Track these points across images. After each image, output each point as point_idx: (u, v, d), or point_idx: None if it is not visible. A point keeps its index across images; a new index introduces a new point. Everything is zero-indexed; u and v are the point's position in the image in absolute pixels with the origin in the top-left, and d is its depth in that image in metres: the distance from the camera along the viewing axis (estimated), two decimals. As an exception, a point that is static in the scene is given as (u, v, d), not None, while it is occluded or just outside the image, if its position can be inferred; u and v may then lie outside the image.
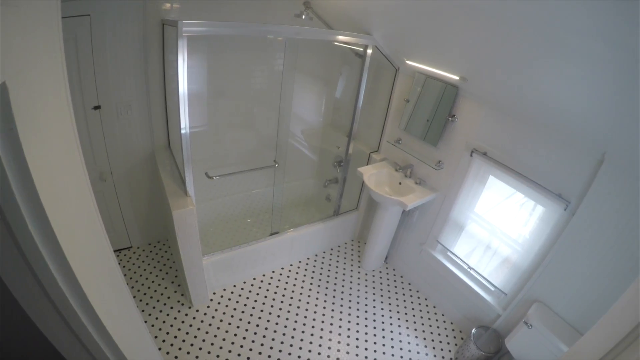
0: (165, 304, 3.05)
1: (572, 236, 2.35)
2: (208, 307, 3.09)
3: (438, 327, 3.33)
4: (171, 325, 2.89)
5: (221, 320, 3.00)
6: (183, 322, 2.93)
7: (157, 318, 2.93)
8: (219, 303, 3.13)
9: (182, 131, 2.29)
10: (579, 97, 1.96)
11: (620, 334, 0.92)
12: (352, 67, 3.45)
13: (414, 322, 3.34)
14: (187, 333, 2.85)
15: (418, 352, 3.06)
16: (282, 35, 2.93)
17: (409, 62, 2.96)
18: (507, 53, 2.08)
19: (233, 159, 3.66)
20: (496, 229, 2.95)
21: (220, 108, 3.36)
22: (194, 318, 2.98)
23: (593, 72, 1.74)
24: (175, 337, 2.81)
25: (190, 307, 3.06)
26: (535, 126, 2.41)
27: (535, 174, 2.49)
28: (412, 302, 3.55)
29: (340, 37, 2.77)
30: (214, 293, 3.21)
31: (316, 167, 4.49)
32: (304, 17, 2.83)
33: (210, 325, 2.94)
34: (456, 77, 2.65)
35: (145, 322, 2.86)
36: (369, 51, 2.91)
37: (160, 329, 2.85)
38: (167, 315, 2.97)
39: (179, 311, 3.01)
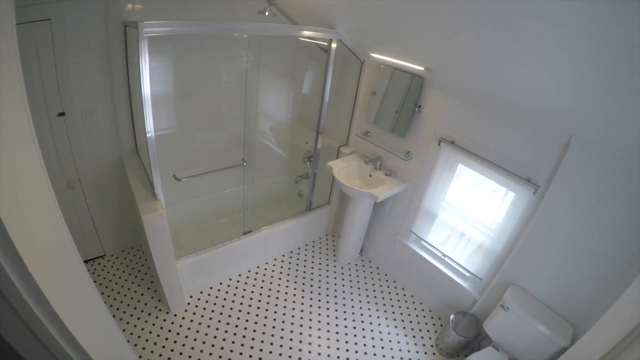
0: (142, 311, 3.00)
1: (543, 219, 2.41)
2: (186, 311, 3.05)
3: (417, 315, 3.37)
4: (150, 332, 2.84)
5: (200, 324, 2.96)
6: (162, 328, 2.89)
7: (135, 326, 2.87)
8: (196, 306, 3.10)
9: (148, 135, 2.26)
10: (542, 82, 2.01)
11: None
12: (318, 62, 3.45)
13: (393, 313, 3.37)
14: (167, 339, 2.82)
15: (399, 342, 3.09)
16: (246, 32, 2.90)
17: (373, 55, 2.98)
18: (469, 42, 2.10)
19: (202, 159, 3.62)
20: (469, 216, 3.00)
21: (188, 109, 3.32)
22: (172, 323, 2.94)
23: (554, 57, 1.78)
24: (155, 343, 2.77)
25: (167, 313, 3.01)
26: (501, 113, 2.45)
27: (503, 160, 2.53)
28: (389, 293, 3.58)
29: (305, 32, 2.77)
30: (191, 296, 3.17)
31: (286, 164, 4.48)
32: (267, 13, 2.82)
33: (189, 329, 2.91)
34: (421, 68, 2.68)
35: (124, 330, 2.83)
36: (334, 45, 2.92)
37: (139, 337, 2.80)
38: (145, 322, 2.92)
39: (156, 317, 2.97)
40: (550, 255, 2.44)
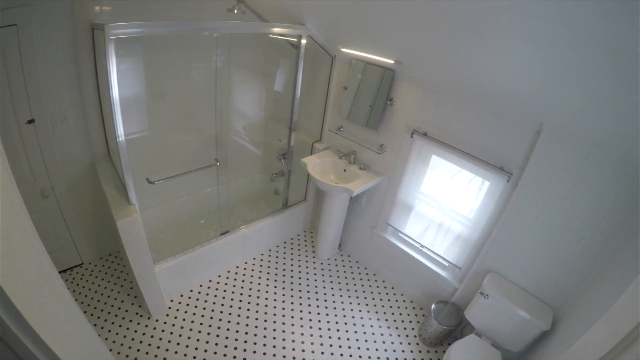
0: (123, 318, 2.95)
1: (517, 206, 2.46)
2: (167, 315, 3.02)
3: (399, 307, 3.40)
4: (132, 339, 2.81)
5: (182, 327, 2.94)
6: (144, 333, 2.86)
7: (117, 333, 2.83)
8: (177, 310, 3.07)
9: (119, 139, 2.21)
10: (511, 71, 2.04)
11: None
12: (289, 58, 3.45)
13: (375, 306, 3.39)
14: (149, 344, 2.78)
15: (382, 334, 3.11)
16: (216, 31, 2.88)
17: (344, 50, 2.99)
18: (438, 33, 2.13)
19: (176, 161, 3.58)
20: (445, 206, 3.03)
21: (159, 111, 3.28)
22: (154, 328, 2.90)
23: (522, 46, 1.82)
24: (138, 350, 2.73)
25: (149, 318, 2.98)
26: (472, 103, 2.48)
27: (476, 150, 2.57)
28: (370, 286, 3.61)
29: (274, 29, 2.76)
30: (172, 300, 3.14)
31: (261, 162, 4.47)
32: (236, 11, 2.80)
33: (171, 333, 2.88)
34: (391, 61, 2.70)
35: (106, 339, 2.79)
36: (303, 41, 2.92)
37: (121, 344, 2.76)
38: (127, 329, 2.88)
39: (138, 323, 2.93)
40: (527, 241, 2.49)
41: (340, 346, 2.98)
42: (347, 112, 3.21)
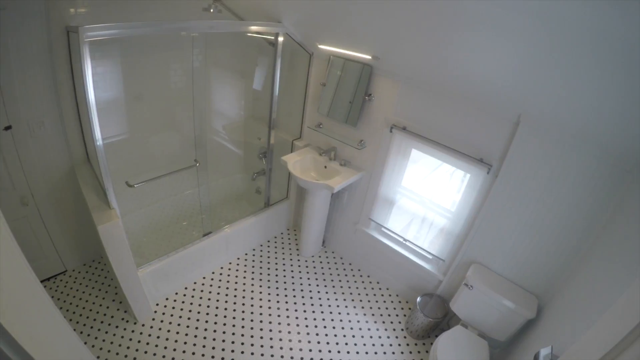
0: (109, 324, 2.92)
1: (498, 197, 2.49)
2: (153, 319, 2.99)
3: (385, 301, 3.42)
4: (119, 345, 2.78)
5: (168, 331, 2.92)
6: (130, 339, 2.83)
7: (103, 340, 2.80)
8: (163, 314, 3.05)
9: (97, 143, 2.19)
10: (488, 63, 2.07)
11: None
12: (267, 56, 3.44)
13: (361, 301, 3.41)
14: (137, 350, 2.76)
15: (369, 329, 3.13)
16: (193, 30, 2.86)
17: (321, 47, 3.00)
18: (414, 28, 2.15)
19: (156, 163, 3.55)
20: (426, 200, 3.06)
21: (138, 113, 3.26)
22: (140, 333, 2.88)
23: (498, 37, 1.84)
24: (126, 356, 2.71)
25: (135, 323, 2.95)
26: (451, 96, 2.50)
27: (455, 143, 2.59)
28: (355, 282, 3.63)
29: (251, 28, 2.76)
30: (157, 304, 3.12)
31: (242, 161, 4.47)
32: (212, 10, 2.80)
33: (158, 337, 2.86)
34: (368, 57, 2.72)
35: (93, 346, 2.76)
36: (281, 39, 2.92)
37: (109, 351, 2.73)
38: (114, 335, 2.85)
39: (124, 329, 2.90)
40: (508, 231, 2.52)
41: (327, 343, 2.98)
42: (327, 109, 3.21)
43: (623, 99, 1.68)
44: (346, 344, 2.99)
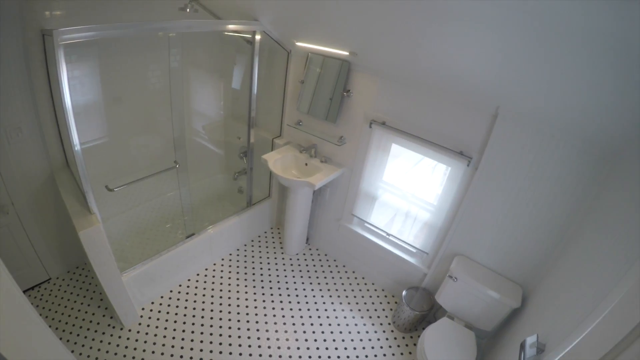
0: (96, 331, 2.89)
1: (479, 189, 2.51)
2: (140, 324, 2.97)
3: (370, 296, 3.44)
4: (106, 352, 2.75)
5: (156, 335, 2.90)
6: (117, 345, 2.80)
7: (90, 347, 2.77)
8: (149, 318, 3.03)
9: (75, 148, 2.16)
10: (464, 56, 2.09)
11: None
12: (245, 55, 3.41)
13: (347, 297, 3.42)
14: (124, 356, 2.73)
15: (356, 325, 3.15)
16: (170, 30, 2.83)
17: (299, 44, 3.00)
18: (390, 22, 2.16)
19: (136, 166, 3.52)
20: (408, 194, 3.08)
21: (117, 116, 3.23)
22: (127, 339, 2.86)
23: (474, 30, 1.86)
24: (112, 362, 2.69)
25: (122, 329, 2.92)
26: (429, 90, 2.52)
27: (435, 136, 2.61)
28: (340, 278, 3.64)
29: (228, 26, 2.76)
30: (143, 308, 3.09)
31: (224, 161, 4.45)
32: (188, 10, 2.79)
33: (145, 342, 2.84)
34: (345, 53, 2.73)
35: (80, 354, 2.73)
36: (258, 37, 2.91)
37: (96, 358, 2.71)
38: (100, 341, 2.82)
39: (111, 335, 2.87)
40: (490, 222, 2.55)
41: (315, 340, 2.99)
42: (307, 106, 3.21)
43: (598, 88, 1.71)
44: (333, 340, 3.00)
